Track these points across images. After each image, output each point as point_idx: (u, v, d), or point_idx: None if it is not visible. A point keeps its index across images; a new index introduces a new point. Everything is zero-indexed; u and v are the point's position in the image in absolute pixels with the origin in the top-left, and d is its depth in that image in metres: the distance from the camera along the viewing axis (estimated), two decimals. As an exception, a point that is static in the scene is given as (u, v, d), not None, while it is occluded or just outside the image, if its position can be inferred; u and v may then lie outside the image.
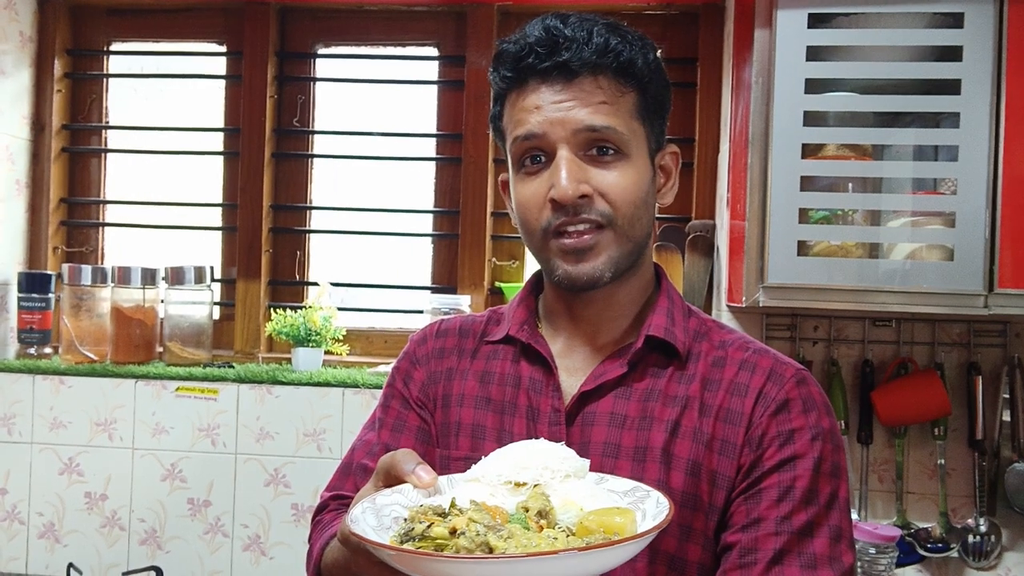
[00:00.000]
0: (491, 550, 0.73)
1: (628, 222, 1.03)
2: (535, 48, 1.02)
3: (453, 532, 0.75)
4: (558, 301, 1.13)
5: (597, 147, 1.02)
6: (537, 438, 0.99)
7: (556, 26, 1.02)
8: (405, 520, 0.79)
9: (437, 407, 1.15)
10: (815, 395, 1.03)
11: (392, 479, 0.87)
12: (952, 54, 1.60)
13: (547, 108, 1.02)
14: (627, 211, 1.03)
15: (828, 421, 1.02)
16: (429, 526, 0.76)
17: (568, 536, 0.78)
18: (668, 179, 1.13)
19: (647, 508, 0.83)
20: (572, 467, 0.87)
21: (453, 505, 0.80)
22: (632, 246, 1.05)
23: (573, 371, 1.10)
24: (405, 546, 0.75)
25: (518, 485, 0.84)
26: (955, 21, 1.59)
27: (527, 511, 0.80)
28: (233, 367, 2.15)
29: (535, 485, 0.84)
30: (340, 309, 2.24)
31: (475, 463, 0.89)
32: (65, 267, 2.22)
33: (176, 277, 2.20)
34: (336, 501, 1.17)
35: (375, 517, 0.81)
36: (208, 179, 2.41)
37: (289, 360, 2.22)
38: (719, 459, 1.01)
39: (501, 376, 1.12)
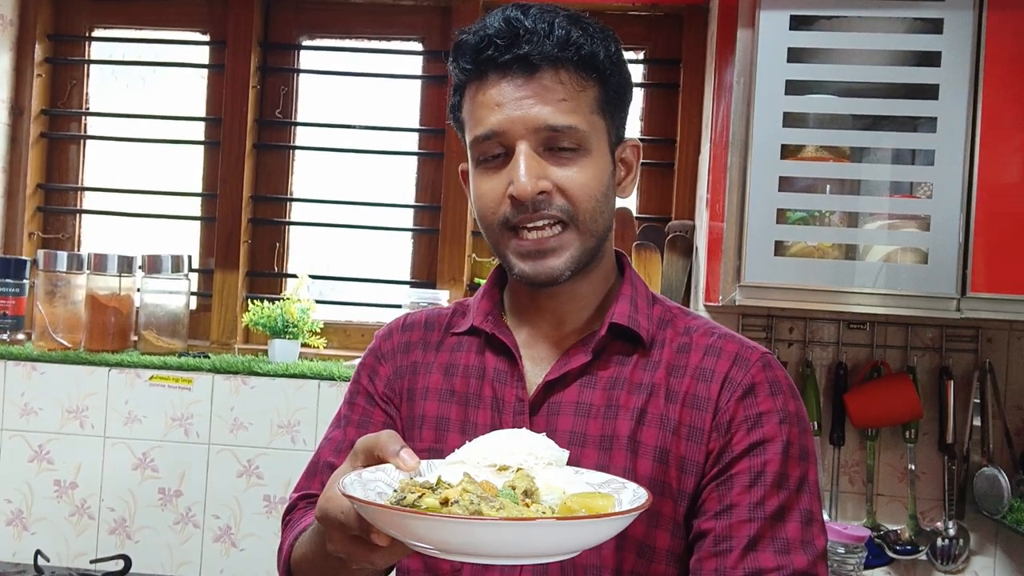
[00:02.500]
0: None
1: (589, 217, 1.03)
2: (495, 40, 1.00)
3: (444, 502, 0.75)
4: (521, 293, 1.12)
5: (557, 144, 1.01)
6: (502, 428, 0.99)
7: (517, 17, 1.01)
8: (395, 491, 0.79)
9: (403, 401, 1.15)
10: (781, 378, 1.04)
11: (373, 460, 0.86)
12: (930, 59, 1.61)
13: (507, 105, 1.00)
14: (587, 206, 1.02)
15: (794, 404, 1.03)
16: (421, 496, 0.76)
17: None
18: (628, 172, 1.12)
19: (624, 498, 0.84)
20: (554, 456, 0.88)
21: (440, 481, 0.81)
22: (594, 241, 1.05)
23: (538, 361, 1.09)
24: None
25: (502, 469, 0.84)
26: (934, 27, 1.61)
27: (514, 489, 0.80)
28: (208, 357, 2.14)
29: (518, 469, 0.84)
30: (318, 302, 2.24)
31: (438, 455, 0.89)
32: (41, 253, 2.20)
33: (153, 266, 2.19)
34: (304, 500, 1.17)
35: (362, 490, 0.80)
36: (188, 168, 2.40)
37: (265, 352, 2.21)
38: (687, 445, 1.01)
39: (466, 368, 1.12)
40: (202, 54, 2.39)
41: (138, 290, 2.23)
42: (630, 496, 0.84)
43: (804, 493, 0.99)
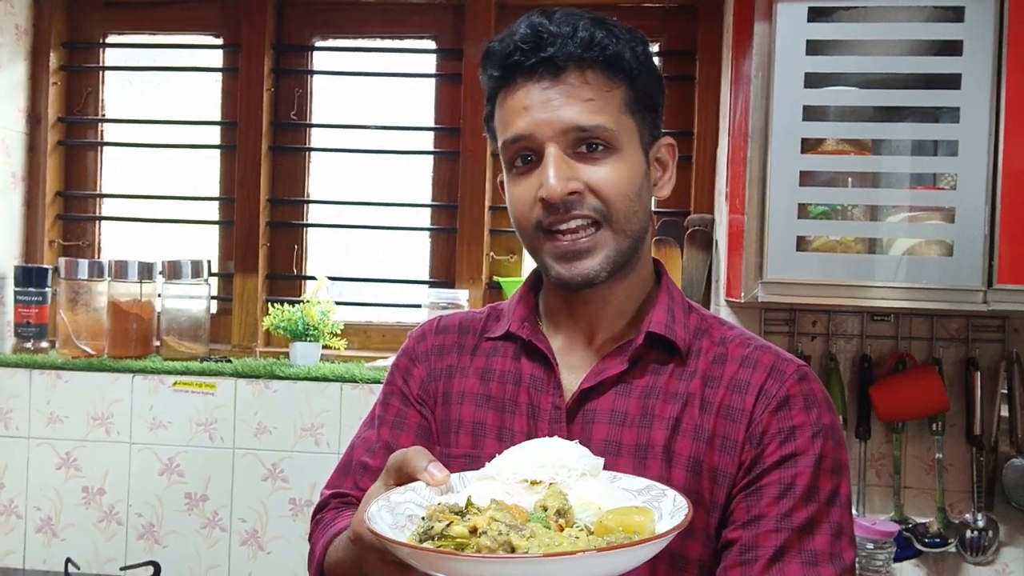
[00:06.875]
0: (513, 550, 0.72)
1: (624, 216, 1.02)
2: (520, 45, 1.01)
3: (473, 531, 0.74)
4: (557, 299, 1.12)
5: (587, 144, 1.01)
6: (538, 436, 0.98)
7: (541, 22, 1.01)
8: (423, 519, 0.78)
9: (437, 404, 1.15)
10: (816, 391, 1.03)
11: (404, 477, 0.85)
12: (952, 48, 1.59)
13: (535, 108, 1.01)
14: (621, 205, 1.02)
15: (829, 417, 1.02)
16: (448, 525, 0.75)
17: (588, 535, 0.76)
18: (664, 172, 1.12)
19: (663, 507, 0.82)
20: (587, 465, 0.86)
21: (470, 504, 0.79)
22: (630, 242, 1.04)
23: (574, 368, 1.09)
24: (425, 544, 0.74)
25: (534, 483, 0.82)
26: (955, 15, 1.59)
27: (546, 510, 0.79)
28: (230, 361, 2.15)
29: (551, 484, 0.83)
30: (338, 303, 2.24)
31: (475, 460, 0.88)
32: (62, 261, 2.21)
33: (173, 271, 2.20)
34: (336, 499, 1.16)
35: (390, 515, 0.80)
36: (205, 173, 2.40)
37: (287, 354, 2.22)
38: (720, 456, 1.01)
39: (502, 373, 1.12)
40: (216, 58, 2.39)
41: (159, 296, 2.24)
42: (670, 505, 0.82)
43: (835, 507, 0.98)
